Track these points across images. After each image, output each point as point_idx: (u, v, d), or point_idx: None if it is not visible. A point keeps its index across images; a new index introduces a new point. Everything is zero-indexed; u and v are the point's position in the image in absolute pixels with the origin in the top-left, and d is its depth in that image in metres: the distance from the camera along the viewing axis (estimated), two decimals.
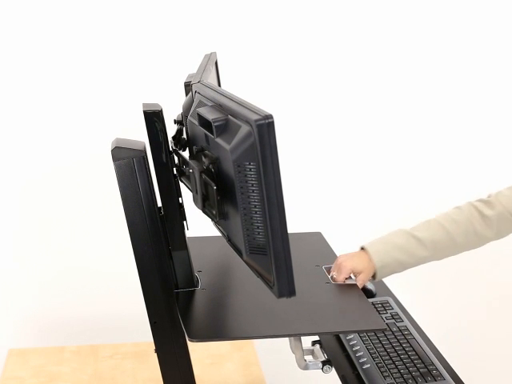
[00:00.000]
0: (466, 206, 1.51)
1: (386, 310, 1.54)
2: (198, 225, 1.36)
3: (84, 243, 2.17)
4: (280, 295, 0.96)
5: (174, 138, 1.25)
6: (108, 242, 2.17)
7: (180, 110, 1.28)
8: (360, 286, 1.41)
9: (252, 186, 0.92)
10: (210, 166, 1.05)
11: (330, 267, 1.46)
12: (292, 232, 0.94)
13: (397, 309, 1.55)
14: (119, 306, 2.21)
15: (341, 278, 1.40)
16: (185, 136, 1.25)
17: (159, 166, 1.19)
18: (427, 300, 2.39)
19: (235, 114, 0.96)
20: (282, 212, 0.91)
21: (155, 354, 1.27)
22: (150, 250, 1.19)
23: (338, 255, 1.50)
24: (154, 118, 1.16)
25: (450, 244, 1.48)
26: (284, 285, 0.95)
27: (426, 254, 1.46)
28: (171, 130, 1.25)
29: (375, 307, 1.54)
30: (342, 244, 1.66)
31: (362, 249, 1.48)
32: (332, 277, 1.42)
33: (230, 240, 1.12)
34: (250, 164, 0.92)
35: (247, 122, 0.90)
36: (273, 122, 0.87)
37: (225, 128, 0.98)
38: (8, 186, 2.10)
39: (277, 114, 1.11)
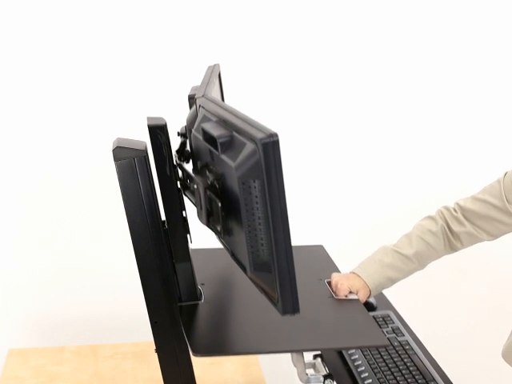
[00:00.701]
0: (438, 217, 1.60)
1: (386, 323, 1.56)
2: (202, 236, 1.36)
3: (84, 243, 2.17)
4: (284, 313, 0.96)
5: (177, 151, 1.25)
6: (108, 242, 2.17)
7: (183, 121, 1.29)
8: (362, 301, 1.46)
9: (257, 203, 0.93)
10: (215, 182, 1.05)
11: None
12: (294, 245, 0.95)
13: (398, 323, 1.57)
14: (119, 306, 2.21)
15: (341, 295, 1.46)
16: (188, 148, 1.25)
17: (163, 179, 1.20)
18: (427, 312, 2.40)
19: (240, 131, 0.96)
20: (286, 230, 0.92)
21: (155, 354, 1.27)
22: (152, 253, 1.20)
23: (338, 269, 1.56)
24: (158, 132, 1.17)
25: (432, 253, 1.58)
26: (288, 302, 0.96)
27: (412, 266, 1.56)
28: (175, 140, 1.25)
29: (376, 321, 1.55)
30: (344, 256, 1.69)
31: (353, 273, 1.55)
32: (333, 293, 1.47)
33: (233, 255, 1.13)
34: (254, 181, 0.92)
35: (252, 139, 0.91)
36: (278, 141, 0.88)
37: (229, 144, 0.98)
38: (8, 186, 2.10)
39: (278, 125, 1.12)
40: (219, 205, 1.02)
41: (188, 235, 1.28)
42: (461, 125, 2.32)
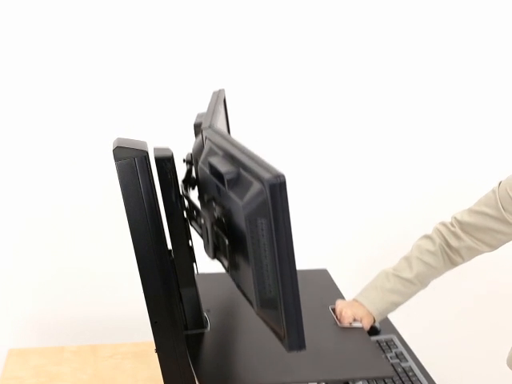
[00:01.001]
0: (435, 235, 1.61)
1: (390, 348, 1.57)
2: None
3: (84, 243, 2.17)
4: (290, 349, 0.98)
5: (184, 181, 1.27)
6: (108, 242, 2.17)
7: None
8: (366, 329, 1.50)
9: (264, 241, 0.94)
10: (222, 217, 1.06)
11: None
12: (298, 269, 0.96)
13: (401, 347, 1.58)
14: (119, 306, 2.21)
15: (345, 323, 1.49)
16: (194, 175, 1.27)
17: (170, 209, 1.22)
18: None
19: (247, 169, 0.97)
20: (293, 269, 0.93)
21: (155, 354, 1.27)
22: (152, 253, 1.20)
23: (342, 295, 1.60)
24: (165, 164, 1.19)
25: (433, 272, 1.60)
26: (294, 339, 0.97)
27: (414, 288, 1.59)
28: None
29: (380, 345, 1.57)
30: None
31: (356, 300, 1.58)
32: (337, 320, 1.50)
33: (240, 288, 1.14)
34: (261, 220, 0.93)
35: (259, 179, 0.92)
36: (284, 182, 0.89)
37: (236, 181, 0.99)
38: (8, 186, 2.10)
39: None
40: (226, 242, 1.04)
41: (194, 264, 1.31)
42: (459, 132, 2.32)
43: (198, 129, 1.30)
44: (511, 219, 1.50)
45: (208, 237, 1.10)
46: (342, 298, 1.64)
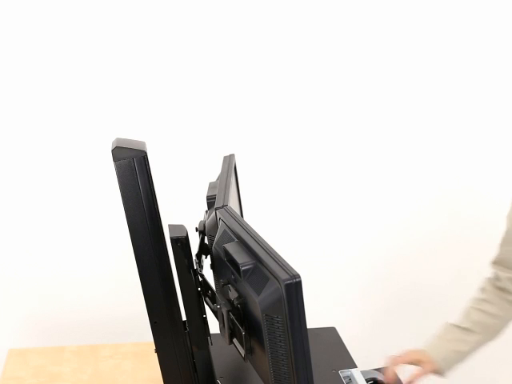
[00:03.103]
0: (484, 283, 1.64)
1: None
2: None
3: (84, 243, 2.17)
4: None
5: (197, 255, 1.29)
6: (108, 242, 2.17)
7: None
8: (423, 374, 1.55)
9: (280, 336, 0.98)
10: (238, 305, 1.09)
11: (346, 372, 1.56)
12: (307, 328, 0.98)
13: None
14: (119, 306, 2.21)
15: (401, 361, 1.56)
16: (206, 242, 1.31)
17: (185, 286, 1.25)
18: None
19: (263, 263, 1.00)
20: (308, 361, 0.97)
21: (155, 354, 1.27)
22: (152, 254, 1.20)
23: (351, 356, 1.63)
24: (179, 244, 1.21)
25: (491, 320, 1.60)
26: None
27: (476, 337, 1.59)
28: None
29: None
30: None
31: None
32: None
33: (256, 370, 1.16)
34: (278, 317, 0.96)
35: (276, 278, 0.95)
36: (300, 282, 0.93)
37: (252, 273, 1.02)
38: (8, 187, 2.10)
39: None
40: (243, 333, 1.08)
41: (208, 337, 1.34)
42: (458, 142, 2.31)
43: (210, 201, 1.33)
44: None
45: (224, 322, 1.13)
46: (351, 359, 1.65)
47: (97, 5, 2.01)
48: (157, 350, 1.27)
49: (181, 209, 2.00)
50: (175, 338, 1.26)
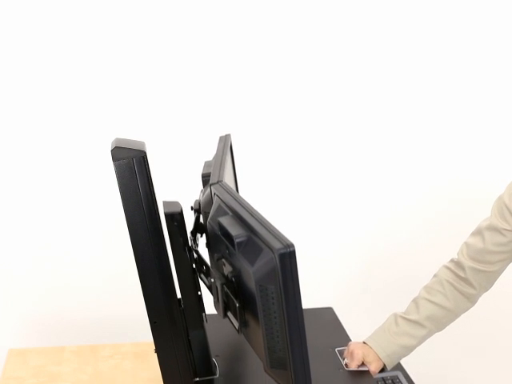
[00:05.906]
0: (442, 272, 1.57)
1: None
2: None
3: (84, 242, 2.17)
4: None
5: (192, 232, 1.29)
6: (108, 242, 2.17)
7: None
8: (373, 375, 1.52)
9: (274, 307, 0.97)
10: (232, 278, 1.09)
11: (343, 350, 1.57)
12: (304, 308, 0.97)
13: None
14: (119, 306, 2.21)
15: (354, 365, 1.51)
16: (202, 221, 1.30)
17: (179, 262, 1.25)
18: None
19: (257, 234, 0.99)
20: (302, 333, 0.96)
21: (155, 354, 1.27)
22: (151, 254, 1.20)
23: (348, 335, 1.63)
24: (174, 219, 1.22)
25: (443, 313, 1.54)
26: None
27: (424, 331, 1.54)
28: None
29: (385, 382, 1.56)
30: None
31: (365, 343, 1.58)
32: (345, 363, 1.52)
33: (251, 344, 1.15)
34: (271, 287, 0.96)
35: (269, 248, 0.94)
36: (294, 251, 0.92)
37: (246, 245, 1.01)
38: (8, 187, 2.10)
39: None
40: (237, 305, 1.07)
41: (203, 314, 1.34)
42: (457, 144, 2.32)
43: (205, 178, 1.32)
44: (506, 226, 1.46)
45: (218, 296, 1.13)
46: (348, 338, 1.65)
47: (96, 5, 2.01)
48: (157, 350, 1.27)
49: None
50: (175, 338, 1.26)
